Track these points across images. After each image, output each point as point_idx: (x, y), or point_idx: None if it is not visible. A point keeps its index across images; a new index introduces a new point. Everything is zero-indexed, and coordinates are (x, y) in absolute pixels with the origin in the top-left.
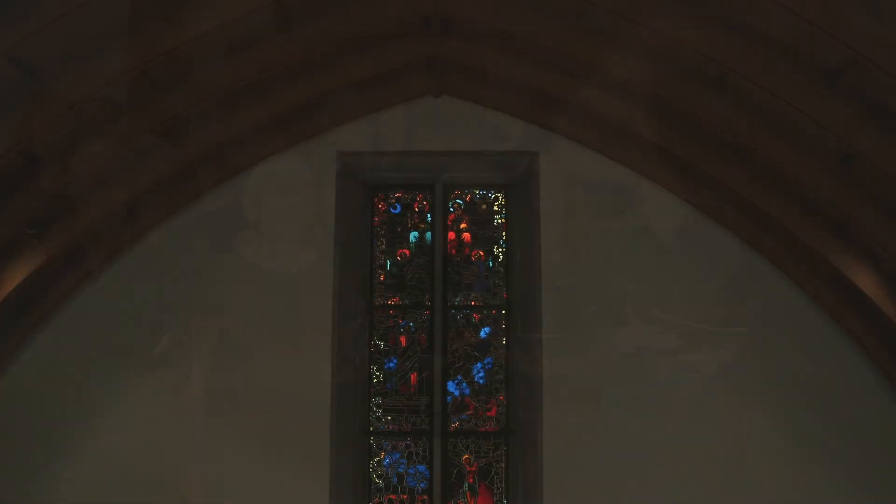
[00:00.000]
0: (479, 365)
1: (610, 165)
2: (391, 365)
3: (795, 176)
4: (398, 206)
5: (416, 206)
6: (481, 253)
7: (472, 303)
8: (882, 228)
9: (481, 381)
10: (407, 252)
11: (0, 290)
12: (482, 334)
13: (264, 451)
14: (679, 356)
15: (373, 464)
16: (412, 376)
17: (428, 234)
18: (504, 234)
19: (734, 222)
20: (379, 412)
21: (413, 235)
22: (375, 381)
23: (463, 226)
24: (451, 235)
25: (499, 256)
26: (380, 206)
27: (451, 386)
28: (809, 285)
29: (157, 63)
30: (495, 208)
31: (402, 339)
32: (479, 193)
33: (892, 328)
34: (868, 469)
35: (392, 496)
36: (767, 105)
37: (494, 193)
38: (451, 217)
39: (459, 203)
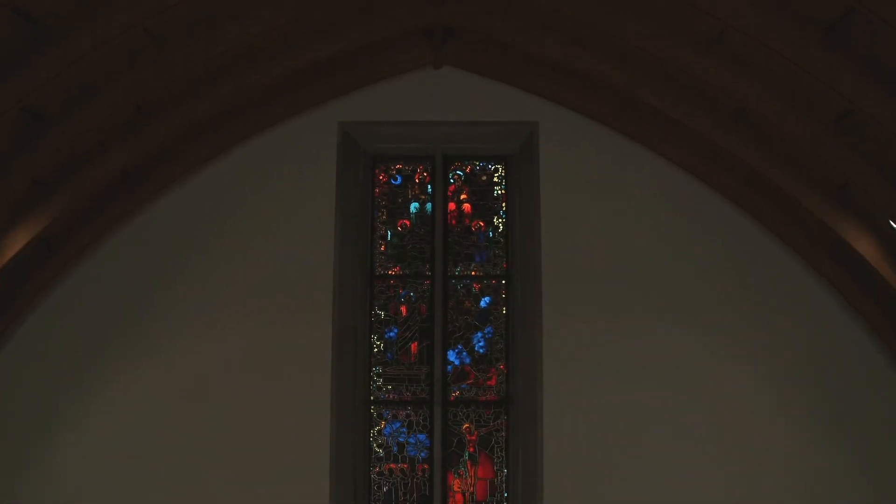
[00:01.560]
0: (479, 334)
1: (610, 134)
2: (392, 334)
3: (794, 138)
4: (399, 178)
5: (416, 177)
6: (481, 223)
7: (473, 272)
8: (882, 189)
9: (481, 351)
10: (407, 223)
11: (1, 256)
12: (482, 304)
13: (265, 420)
14: (678, 324)
15: (373, 433)
16: (413, 346)
17: (428, 205)
18: (504, 204)
19: (734, 190)
20: (379, 381)
21: (413, 206)
22: (376, 350)
23: (463, 196)
24: (452, 206)
25: (499, 227)
26: (380, 178)
27: (451, 355)
28: (808, 253)
29: (158, 21)
30: (495, 179)
31: (403, 309)
32: (478, 165)
33: (893, 295)
34: (868, 437)
35: (392, 465)
36: (764, 63)
37: (494, 165)
38: (452, 188)
39: (460, 174)
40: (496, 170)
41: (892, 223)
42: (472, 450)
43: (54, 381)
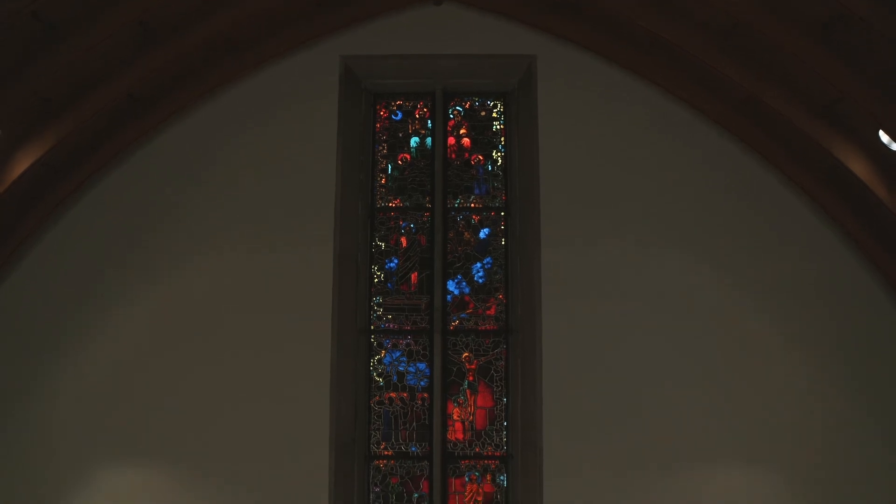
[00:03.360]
0: (478, 265)
1: (606, 66)
2: (392, 265)
3: (784, 49)
4: (399, 113)
5: (416, 112)
6: (480, 157)
7: (472, 205)
8: (873, 99)
9: (481, 281)
10: (408, 156)
11: (4, 178)
12: (482, 235)
13: (264, 350)
14: (675, 252)
15: (373, 362)
16: (413, 276)
17: (428, 140)
18: (503, 139)
19: (728, 117)
20: (380, 311)
21: (414, 140)
22: (376, 280)
23: (463, 131)
24: (451, 140)
25: (497, 160)
26: (381, 113)
27: (451, 285)
28: (804, 179)
29: None
30: (494, 115)
31: (403, 240)
32: (477, 101)
33: (889, 220)
34: (863, 363)
35: (392, 394)
36: None
37: (493, 101)
38: (451, 123)
39: (459, 110)
40: (495, 105)
41: (881, 134)
42: (471, 378)
43: (56, 309)
